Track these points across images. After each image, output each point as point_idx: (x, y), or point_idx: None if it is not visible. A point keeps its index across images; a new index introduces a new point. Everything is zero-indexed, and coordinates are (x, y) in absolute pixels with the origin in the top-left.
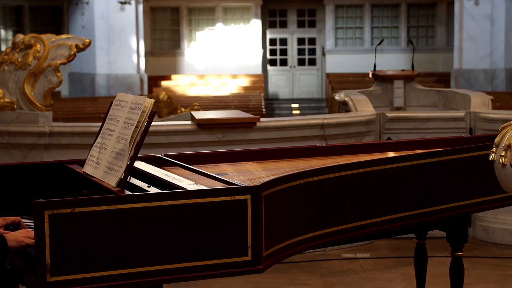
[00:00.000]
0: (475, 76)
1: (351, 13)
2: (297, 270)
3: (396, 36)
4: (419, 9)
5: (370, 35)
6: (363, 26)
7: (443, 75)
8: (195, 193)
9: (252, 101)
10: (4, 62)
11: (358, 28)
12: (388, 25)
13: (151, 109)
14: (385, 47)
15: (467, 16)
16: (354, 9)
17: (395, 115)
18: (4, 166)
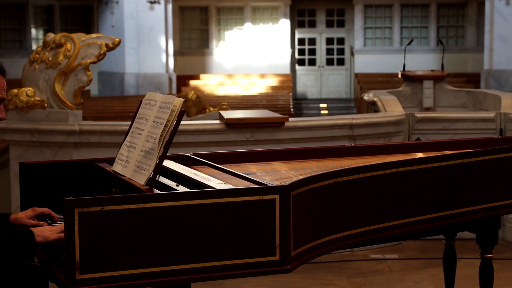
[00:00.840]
0: (505, 77)
1: (380, 13)
2: (325, 270)
3: (426, 36)
4: (449, 9)
5: (399, 35)
6: (392, 26)
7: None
8: (223, 192)
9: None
10: (35, 61)
11: (387, 28)
12: (417, 25)
13: (180, 108)
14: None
15: (498, 16)
16: (384, 9)
17: (424, 115)
18: (35, 164)
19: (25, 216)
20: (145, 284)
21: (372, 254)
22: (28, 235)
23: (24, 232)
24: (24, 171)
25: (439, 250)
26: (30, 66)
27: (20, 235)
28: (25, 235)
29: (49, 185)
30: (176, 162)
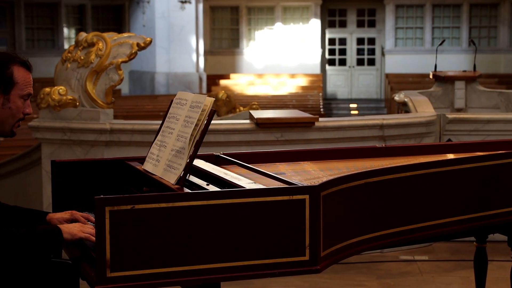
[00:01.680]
0: None
1: (411, 13)
2: (354, 271)
3: (458, 37)
4: (481, 9)
5: (431, 35)
6: (423, 26)
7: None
8: (253, 192)
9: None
10: (67, 60)
11: (419, 28)
12: (449, 25)
13: (211, 108)
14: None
15: None
16: (415, 9)
17: (455, 116)
18: (67, 162)
19: (61, 218)
20: (174, 283)
21: (402, 256)
22: (55, 232)
23: (51, 229)
24: (56, 169)
25: (470, 252)
26: (62, 65)
27: (47, 232)
28: (52, 231)
29: (80, 183)
30: (206, 161)
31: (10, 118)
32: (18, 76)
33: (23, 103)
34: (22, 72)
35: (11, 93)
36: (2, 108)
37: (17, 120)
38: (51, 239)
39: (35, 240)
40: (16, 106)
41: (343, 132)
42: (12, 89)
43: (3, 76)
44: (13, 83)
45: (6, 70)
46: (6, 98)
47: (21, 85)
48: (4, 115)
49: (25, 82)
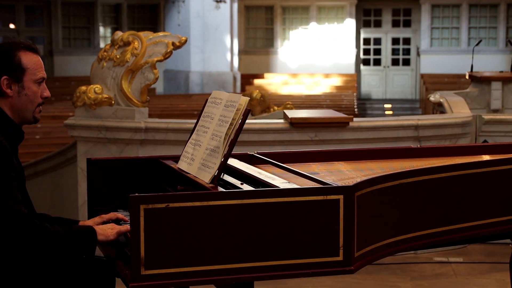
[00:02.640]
0: None
1: (447, 13)
2: (387, 272)
3: (495, 37)
4: None
5: (467, 35)
6: (460, 26)
7: None
8: (287, 191)
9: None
10: (103, 58)
11: (455, 28)
12: (486, 25)
13: (246, 107)
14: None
15: None
16: (451, 8)
17: (492, 117)
18: (102, 160)
19: (93, 223)
20: (208, 282)
21: (436, 257)
22: (90, 232)
23: (86, 229)
24: (92, 167)
25: (505, 255)
26: (98, 63)
27: (81, 231)
28: (87, 232)
29: (115, 181)
30: (240, 160)
31: (29, 105)
32: (27, 62)
33: (38, 87)
34: (30, 57)
35: (24, 80)
36: (19, 96)
37: (36, 105)
38: (85, 239)
39: (69, 239)
40: (31, 92)
41: (377, 133)
42: (24, 75)
43: (12, 65)
44: (23, 70)
45: (13, 57)
46: (20, 86)
47: (31, 69)
48: (22, 103)
49: (35, 66)
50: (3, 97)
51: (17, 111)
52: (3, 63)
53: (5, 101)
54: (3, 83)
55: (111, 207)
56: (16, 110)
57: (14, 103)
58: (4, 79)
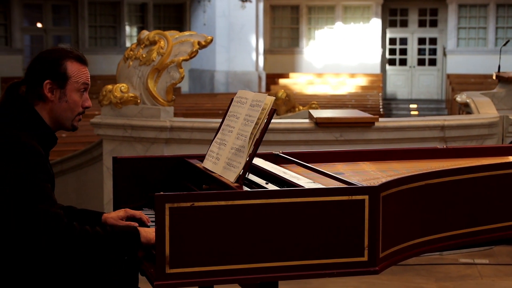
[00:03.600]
0: None
1: (474, 13)
2: (412, 273)
3: None
4: None
5: (494, 35)
6: (487, 26)
7: None
8: (313, 191)
9: (369, 100)
10: (129, 57)
11: (482, 28)
12: None
13: (271, 107)
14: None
15: None
16: (478, 8)
17: None
18: (128, 159)
19: (117, 217)
20: (232, 281)
21: (462, 258)
22: (133, 234)
23: (130, 230)
24: (117, 166)
25: None
26: (125, 62)
27: (124, 235)
28: (130, 233)
29: (140, 180)
30: (265, 160)
31: (68, 112)
32: (72, 71)
33: (80, 97)
34: (77, 66)
35: (67, 87)
36: (59, 102)
37: (76, 114)
38: (127, 242)
39: (110, 241)
40: (72, 100)
41: (403, 133)
42: (67, 83)
43: (57, 71)
44: (67, 77)
45: (60, 64)
46: (62, 92)
47: (75, 78)
48: (62, 109)
49: (79, 75)
50: (44, 101)
51: (55, 116)
52: (49, 68)
53: (45, 105)
54: (45, 87)
55: (137, 205)
56: (55, 115)
57: (53, 108)
58: (47, 83)
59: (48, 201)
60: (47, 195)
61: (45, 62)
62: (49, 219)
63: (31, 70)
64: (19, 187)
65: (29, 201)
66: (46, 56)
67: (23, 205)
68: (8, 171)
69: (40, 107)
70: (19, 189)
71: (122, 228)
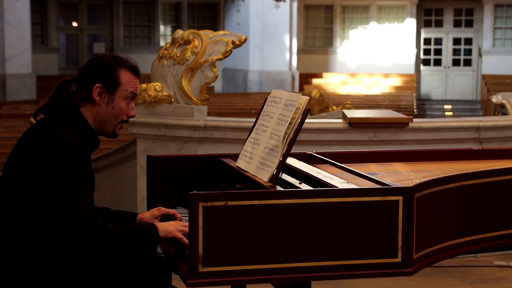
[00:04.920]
0: None
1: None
2: (446, 275)
3: None
4: None
5: None
6: None
7: None
8: (346, 191)
9: (403, 101)
10: (163, 56)
11: None
12: None
13: (305, 107)
14: None
15: None
16: None
17: None
18: (162, 158)
19: (151, 216)
20: (265, 280)
21: (496, 261)
22: (151, 229)
23: (148, 226)
24: (152, 164)
25: None
26: (159, 61)
27: (143, 229)
28: (148, 229)
29: (174, 179)
30: (299, 160)
31: (112, 118)
32: (124, 79)
33: (126, 105)
34: (129, 76)
35: (116, 94)
36: (106, 107)
37: (120, 121)
38: (147, 236)
39: (131, 237)
40: (119, 107)
41: (437, 134)
42: (117, 90)
43: (109, 76)
44: (118, 84)
45: (114, 71)
46: (111, 98)
47: (125, 86)
48: (107, 114)
49: (130, 84)
50: (91, 103)
51: (99, 120)
52: (103, 73)
53: (91, 108)
54: (95, 90)
55: (170, 204)
56: (99, 119)
57: (99, 111)
58: (97, 87)
59: (79, 201)
60: (78, 195)
61: (100, 66)
62: (76, 219)
63: (84, 71)
64: (52, 185)
65: (59, 199)
66: (102, 60)
67: (54, 203)
68: (44, 167)
69: (86, 109)
70: (52, 187)
71: (141, 224)
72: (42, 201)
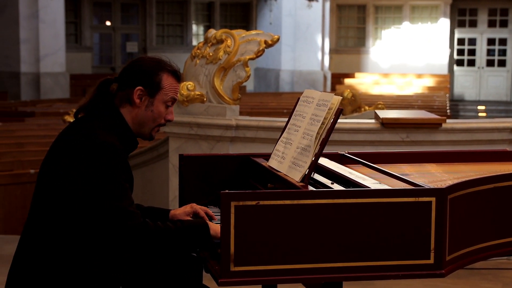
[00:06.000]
0: None
1: None
2: (478, 277)
3: None
4: None
5: None
6: None
7: None
8: (379, 192)
9: (436, 101)
10: (196, 56)
11: None
12: None
13: (338, 107)
14: None
15: None
16: None
17: None
18: (194, 157)
19: (184, 212)
20: (296, 280)
21: None
22: (203, 228)
23: (199, 224)
24: (184, 163)
25: None
26: (192, 61)
27: (194, 229)
28: (199, 228)
29: (206, 178)
30: (331, 160)
31: (150, 121)
32: (166, 83)
33: (165, 109)
34: (171, 80)
35: (156, 97)
36: (145, 110)
37: (157, 124)
38: (198, 235)
39: (181, 235)
40: (158, 111)
41: (471, 135)
42: (158, 93)
43: (152, 80)
44: (159, 88)
45: (156, 75)
46: (150, 101)
47: (166, 90)
48: (146, 117)
49: (171, 88)
50: (131, 105)
51: (138, 122)
52: (146, 75)
53: (131, 110)
54: (136, 92)
55: (202, 203)
56: (138, 121)
57: (138, 114)
58: (139, 89)
59: (126, 200)
60: (125, 194)
61: (143, 68)
62: (124, 218)
63: (127, 72)
64: (98, 185)
65: (107, 198)
66: (145, 63)
67: (101, 202)
68: (89, 168)
69: (126, 110)
70: (98, 187)
71: (192, 222)
72: (89, 200)
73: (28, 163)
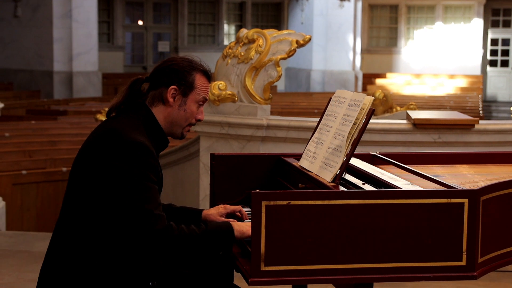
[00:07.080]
0: None
1: None
2: (510, 280)
3: None
4: None
5: None
6: None
7: None
8: (410, 193)
9: (468, 102)
10: (228, 55)
11: None
12: None
13: (370, 107)
14: None
15: None
16: None
17: None
18: (225, 156)
19: (217, 213)
20: (327, 281)
21: None
22: (227, 229)
23: (223, 226)
24: (215, 162)
25: None
26: (223, 60)
27: (218, 229)
28: (223, 229)
29: (237, 177)
30: (362, 160)
31: (182, 121)
32: (199, 83)
33: (197, 109)
34: (203, 80)
35: (189, 97)
36: (178, 109)
37: (189, 124)
38: (222, 237)
39: (206, 238)
40: (190, 110)
41: (504, 136)
42: (191, 93)
43: (185, 79)
44: (192, 88)
45: (190, 75)
46: (183, 101)
47: (199, 90)
48: (179, 116)
49: (203, 88)
50: (164, 104)
51: (170, 121)
52: (179, 75)
53: (164, 109)
54: (170, 91)
55: (233, 202)
56: (170, 120)
57: (171, 113)
58: (172, 88)
59: (154, 202)
60: (153, 196)
61: (176, 68)
62: (151, 221)
63: (160, 71)
64: (127, 185)
65: (136, 200)
66: (178, 63)
67: (130, 203)
68: (120, 168)
69: (158, 109)
70: (127, 187)
71: (216, 224)
72: (117, 200)
73: (61, 161)
